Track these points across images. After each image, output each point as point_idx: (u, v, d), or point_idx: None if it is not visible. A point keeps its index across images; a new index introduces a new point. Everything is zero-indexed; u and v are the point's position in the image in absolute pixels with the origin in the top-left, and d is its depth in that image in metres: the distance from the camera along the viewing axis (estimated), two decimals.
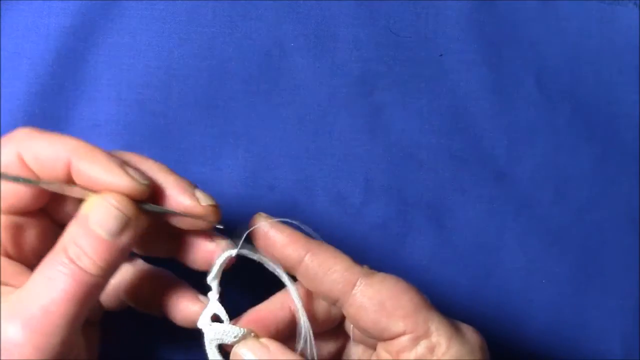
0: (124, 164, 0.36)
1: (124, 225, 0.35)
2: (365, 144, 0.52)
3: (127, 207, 0.35)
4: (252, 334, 0.38)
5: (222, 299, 0.39)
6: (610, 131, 0.55)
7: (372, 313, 0.37)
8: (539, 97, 0.54)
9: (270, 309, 0.40)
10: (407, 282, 0.38)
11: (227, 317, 0.38)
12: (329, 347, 0.43)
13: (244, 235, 0.39)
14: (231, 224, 0.52)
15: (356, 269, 0.38)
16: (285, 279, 0.39)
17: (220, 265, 0.39)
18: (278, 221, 0.39)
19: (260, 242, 0.39)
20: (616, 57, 0.55)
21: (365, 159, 0.52)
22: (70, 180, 0.36)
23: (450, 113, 0.53)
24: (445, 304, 0.43)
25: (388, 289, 0.37)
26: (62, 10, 0.51)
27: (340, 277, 0.37)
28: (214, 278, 0.39)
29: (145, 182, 0.36)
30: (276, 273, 0.39)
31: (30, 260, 0.37)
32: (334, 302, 0.39)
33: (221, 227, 0.39)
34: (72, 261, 0.34)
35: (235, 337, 0.37)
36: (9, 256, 0.37)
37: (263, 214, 0.40)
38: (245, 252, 0.39)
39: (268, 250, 0.39)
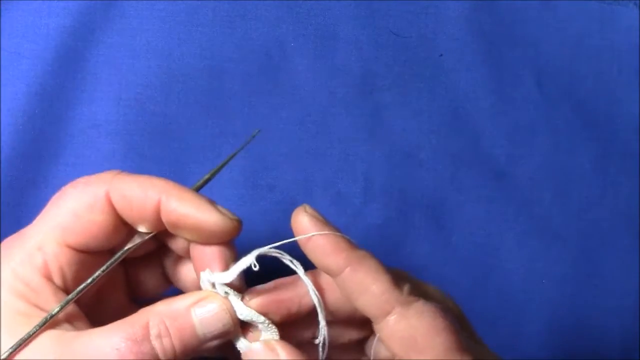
0: (213, 202, 0.36)
1: (223, 333, 0.35)
2: (365, 144, 0.52)
3: (234, 317, 0.35)
4: (267, 323, 0.36)
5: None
6: (610, 131, 0.55)
7: (402, 345, 0.35)
8: (539, 97, 0.54)
9: (296, 294, 0.37)
10: (446, 318, 0.35)
11: (239, 295, 0.36)
12: (352, 334, 0.40)
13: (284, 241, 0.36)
14: None
15: (394, 295, 0.35)
16: (313, 296, 0.37)
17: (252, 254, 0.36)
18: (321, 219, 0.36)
19: (300, 241, 0.36)
20: (616, 57, 0.55)
21: (365, 159, 0.52)
22: (158, 220, 0.36)
23: (450, 113, 0.53)
24: None
25: (423, 325, 0.35)
26: (62, 10, 0.50)
27: (375, 301, 0.35)
28: (240, 265, 0.36)
29: (236, 217, 0.36)
30: (306, 284, 0.37)
31: (69, 287, 0.37)
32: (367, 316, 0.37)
33: None
34: (146, 338, 0.34)
35: (245, 316, 0.36)
36: (55, 284, 0.37)
37: (308, 208, 0.37)
38: (282, 255, 0.37)
39: (306, 253, 0.37)
